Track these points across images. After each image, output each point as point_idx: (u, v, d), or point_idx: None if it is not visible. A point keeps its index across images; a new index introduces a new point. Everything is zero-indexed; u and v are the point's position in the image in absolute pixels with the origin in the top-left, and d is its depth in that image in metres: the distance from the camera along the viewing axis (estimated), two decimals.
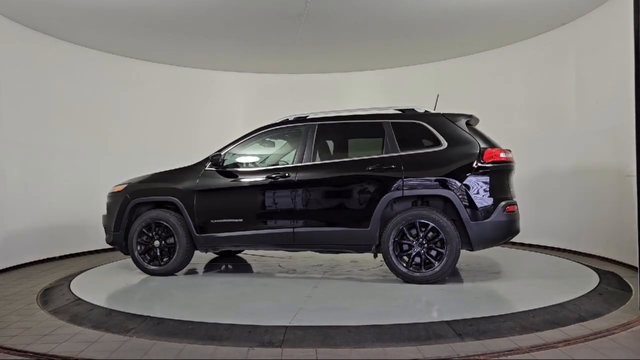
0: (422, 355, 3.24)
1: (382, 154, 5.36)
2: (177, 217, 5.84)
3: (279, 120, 5.95)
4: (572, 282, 5.11)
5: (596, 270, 5.66)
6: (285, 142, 6.07)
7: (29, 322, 4.20)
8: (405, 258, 5.15)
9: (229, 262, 6.89)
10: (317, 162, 5.60)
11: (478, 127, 5.74)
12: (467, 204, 5.05)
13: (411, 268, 5.11)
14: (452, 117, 5.44)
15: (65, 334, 3.84)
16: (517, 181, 8.15)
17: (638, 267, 4.18)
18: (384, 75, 9.74)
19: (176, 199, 5.88)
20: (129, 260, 7.26)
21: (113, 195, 6.26)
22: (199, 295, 4.91)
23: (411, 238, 5.13)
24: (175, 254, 5.80)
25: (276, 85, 9.91)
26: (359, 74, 9.82)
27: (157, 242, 5.86)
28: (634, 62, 4.15)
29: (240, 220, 5.67)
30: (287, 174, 5.53)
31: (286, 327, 3.71)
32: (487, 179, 5.11)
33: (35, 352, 3.43)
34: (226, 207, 5.76)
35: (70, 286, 5.33)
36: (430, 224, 5.05)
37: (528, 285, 5.02)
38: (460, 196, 5.06)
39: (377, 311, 4.16)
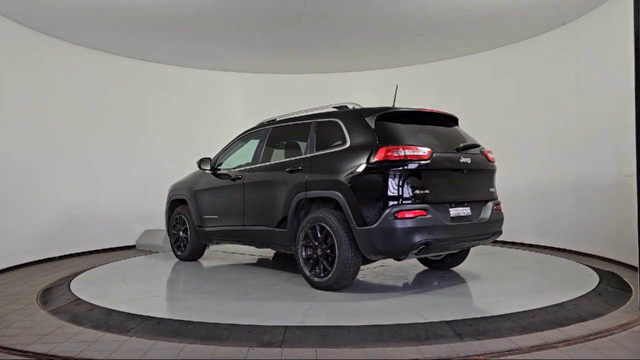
0: (422, 355, 3.24)
1: (303, 155, 5.31)
2: (189, 213, 6.82)
3: (257, 124, 6.34)
4: (572, 282, 5.11)
5: (596, 270, 5.66)
6: (256, 144, 6.28)
7: (29, 322, 4.20)
8: (311, 262, 4.96)
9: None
10: (258, 164, 5.86)
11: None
12: (354, 207, 4.58)
13: (312, 272, 4.93)
14: (365, 113, 4.93)
15: (65, 334, 3.84)
16: (517, 181, 8.21)
17: (638, 267, 4.18)
18: (384, 75, 9.74)
19: (186, 197, 6.88)
20: (128, 260, 7.30)
21: (168, 193, 7.35)
22: (200, 294, 4.91)
23: (314, 242, 4.90)
24: (188, 244, 6.85)
25: (276, 85, 9.92)
26: (359, 74, 9.83)
27: (181, 234, 6.95)
28: (634, 62, 4.15)
29: (216, 216, 6.39)
30: (240, 176, 5.99)
31: (286, 327, 3.70)
32: (377, 179, 4.50)
33: (35, 352, 3.43)
34: (210, 205, 6.53)
35: (70, 286, 5.33)
36: (326, 227, 4.76)
37: (528, 285, 5.02)
38: (347, 198, 4.62)
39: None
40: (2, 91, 6.83)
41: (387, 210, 4.39)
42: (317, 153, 5.11)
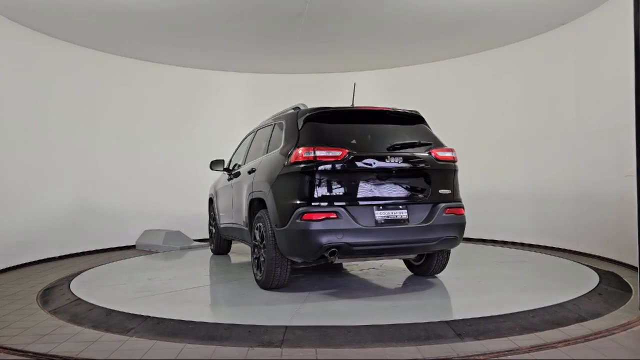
0: (421, 355, 3.24)
1: (262, 156, 5.46)
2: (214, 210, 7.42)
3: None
4: (572, 282, 5.11)
5: (596, 270, 5.66)
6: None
7: (29, 322, 4.20)
8: (257, 260, 5.09)
9: None
10: (242, 166, 6.15)
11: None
12: (273, 208, 4.64)
13: (258, 270, 5.05)
14: (299, 114, 4.87)
15: (65, 334, 3.84)
16: (518, 181, 8.21)
17: (638, 267, 4.17)
18: (384, 75, 9.75)
19: (212, 196, 7.51)
20: (128, 260, 7.30)
21: None
22: (199, 294, 4.92)
23: (258, 241, 5.01)
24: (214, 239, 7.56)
25: (276, 85, 9.92)
26: (359, 74, 9.82)
27: (212, 229, 7.61)
28: (634, 62, 4.14)
29: (223, 214, 6.85)
30: (232, 177, 6.37)
31: (286, 327, 3.70)
32: (290, 180, 4.49)
33: (35, 352, 3.42)
34: (220, 203, 7.02)
35: (70, 286, 5.33)
36: (262, 227, 4.86)
37: (528, 285, 5.01)
38: (269, 200, 4.71)
39: None
40: (1, 91, 6.83)
41: (296, 212, 4.33)
42: (266, 155, 5.26)
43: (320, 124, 4.74)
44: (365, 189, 4.47)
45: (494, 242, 8.51)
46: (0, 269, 6.64)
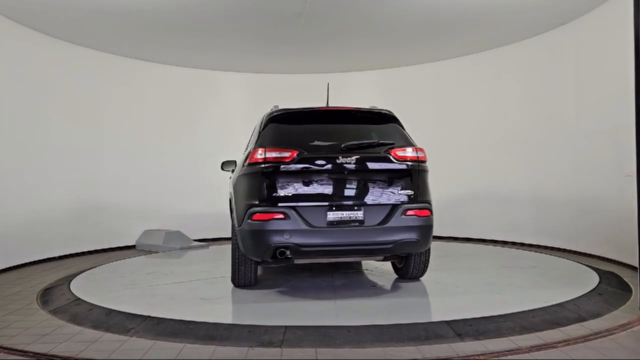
0: (421, 355, 3.24)
1: None
2: None
3: None
4: (572, 282, 5.11)
5: (596, 270, 5.66)
6: None
7: (29, 322, 4.20)
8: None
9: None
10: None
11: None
12: (234, 208, 4.75)
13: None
14: (266, 116, 4.89)
15: (65, 334, 3.84)
16: (518, 181, 8.21)
17: (638, 267, 4.17)
18: (384, 75, 9.75)
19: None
20: (128, 260, 7.30)
21: None
22: (200, 294, 4.92)
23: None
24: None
25: (276, 85, 9.92)
26: (359, 74, 9.83)
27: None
28: (634, 62, 4.14)
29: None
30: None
31: (286, 327, 3.71)
32: (245, 181, 4.60)
33: (35, 352, 3.42)
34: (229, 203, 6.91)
35: (70, 286, 5.33)
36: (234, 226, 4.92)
37: (528, 285, 5.01)
38: (232, 200, 4.84)
39: None
40: (1, 91, 6.83)
41: (247, 212, 4.43)
42: (242, 156, 5.33)
43: (282, 125, 4.73)
44: (317, 190, 4.45)
45: (494, 242, 8.51)
46: (0, 268, 6.64)
